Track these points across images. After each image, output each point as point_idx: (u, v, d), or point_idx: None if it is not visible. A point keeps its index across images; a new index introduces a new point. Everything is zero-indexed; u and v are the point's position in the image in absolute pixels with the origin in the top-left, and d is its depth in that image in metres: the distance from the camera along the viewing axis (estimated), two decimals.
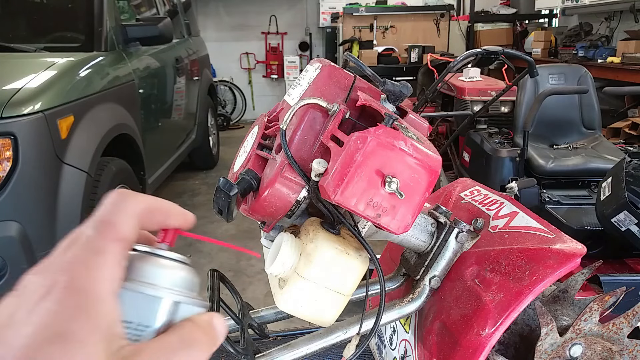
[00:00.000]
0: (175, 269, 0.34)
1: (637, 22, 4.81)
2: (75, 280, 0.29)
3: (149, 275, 0.33)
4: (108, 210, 0.32)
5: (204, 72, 4.68)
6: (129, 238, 0.32)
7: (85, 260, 0.30)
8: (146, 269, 0.33)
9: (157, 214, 0.35)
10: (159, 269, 0.33)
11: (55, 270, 0.30)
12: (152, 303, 0.32)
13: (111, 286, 0.30)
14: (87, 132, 2.26)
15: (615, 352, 0.85)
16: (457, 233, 0.83)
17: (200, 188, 4.46)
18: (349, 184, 0.57)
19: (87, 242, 0.31)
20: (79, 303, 0.28)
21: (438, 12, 6.55)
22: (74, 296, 0.28)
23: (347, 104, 0.67)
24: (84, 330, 0.28)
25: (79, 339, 0.27)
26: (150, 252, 0.34)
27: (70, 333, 0.27)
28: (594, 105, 2.94)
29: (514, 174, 2.64)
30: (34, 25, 2.99)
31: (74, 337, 0.27)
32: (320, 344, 0.78)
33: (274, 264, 0.64)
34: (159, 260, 0.34)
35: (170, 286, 0.33)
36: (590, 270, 0.93)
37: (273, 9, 7.58)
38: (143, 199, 0.34)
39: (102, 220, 0.32)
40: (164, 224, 0.36)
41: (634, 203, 1.74)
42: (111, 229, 0.31)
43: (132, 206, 0.33)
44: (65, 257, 0.30)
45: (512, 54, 2.65)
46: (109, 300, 0.29)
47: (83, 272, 0.29)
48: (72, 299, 0.28)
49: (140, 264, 0.33)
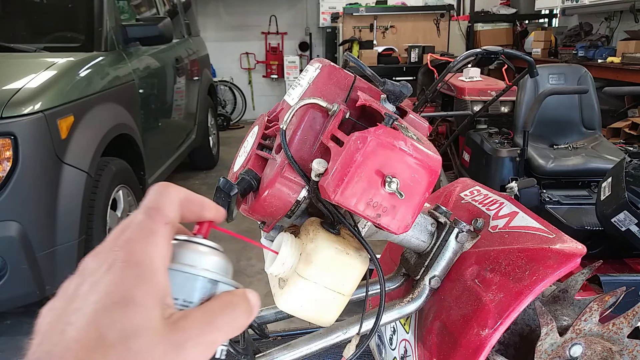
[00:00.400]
0: (212, 254, 0.39)
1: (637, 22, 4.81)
2: (133, 255, 0.33)
3: (190, 259, 0.38)
4: (155, 198, 0.37)
5: (204, 72, 4.67)
6: (174, 221, 0.37)
7: (140, 239, 0.34)
8: (188, 254, 0.38)
9: (194, 205, 0.40)
10: (199, 253, 0.39)
11: (113, 250, 0.34)
12: (195, 281, 0.37)
13: (163, 262, 0.35)
14: (87, 132, 2.26)
15: (615, 352, 0.85)
16: (457, 233, 0.83)
17: (200, 188, 4.46)
18: (349, 184, 0.57)
19: (140, 224, 0.35)
20: (137, 274, 0.32)
21: (438, 12, 6.55)
22: (133, 269, 0.33)
23: (347, 104, 0.67)
24: (144, 296, 0.32)
25: (139, 303, 0.31)
26: (190, 240, 0.39)
27: (132, 298, 0.31)
28: (594, 105, 2.94)
29: (514, 174, 2.64)
30: (34, 25, 2.99)
31: (135, 302, 0.31)
32: (320, 344, 0.78)
33: (274, 264, 0.64)
34: (198, 247, 0.39)
35: (209, 268, 0.38)
36: (590, 270, 0.93)
37: (273, 9, 7.58)
38: (183, 190, 0.39)
39: (151, 206, 0.36)
40: (199, 215, 0.40)
41: (634, 203, 1.74)
42: (159, 213, 0.36)
43: (174, 194, 0.38)
44: (121, 238, 0.34)
45: (512, 54, 2.65)
46: (162, 274, 0.34)
47: (139, 249, 0.34)
48: (132, 271, 0.32)
49: (183, 250, 0.38)
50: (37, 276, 2.00)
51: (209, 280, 0.37)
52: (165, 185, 0.38)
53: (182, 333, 0.33)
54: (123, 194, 2.58)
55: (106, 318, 0.30)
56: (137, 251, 0.34)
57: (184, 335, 0.33)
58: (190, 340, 0.33)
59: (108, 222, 2.38)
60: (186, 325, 0.33)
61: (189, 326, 0.33)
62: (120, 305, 0.31)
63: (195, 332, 0.33)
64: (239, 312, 0.36)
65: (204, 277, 0.37)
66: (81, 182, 2.16)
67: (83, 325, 0.30)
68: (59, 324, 0.31)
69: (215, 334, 0.35)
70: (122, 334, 0.30)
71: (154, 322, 0.32)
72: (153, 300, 0.32)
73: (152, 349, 0.31)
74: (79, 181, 2.15)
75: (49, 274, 2.04)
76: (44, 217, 2.02)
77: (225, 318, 0.36)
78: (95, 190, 2.26)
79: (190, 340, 0.33)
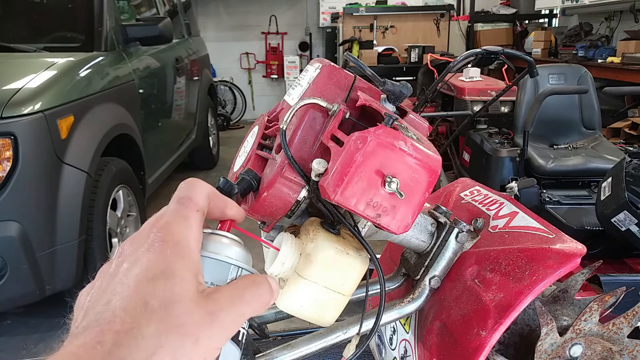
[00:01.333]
0: (236, 245, 0.44)
1: (637, 22, 4.81)
2: (171, 235, 0.37)
3: (218, 248, 0.43)
4: (187, 190, 0.41)
5: (204, 72, 4.67)
6: (204, 210, 0.41)
7: (176, 223, 0.38)
8: (215, 244, 0.43)
9: (219, 201, 0.44)
10: (225, 244, 0.43)
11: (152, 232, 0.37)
12: (223, 267, 0.42)
13: (196, 243, 0.39)
14: (87, 132, 2.26)
15: (615, 352, 0.85)
16: (457, 233, 0.83)
17: None
18: (349, 184, 0.57)
19: (175, 211, 0.39)
20: (176, 251, 0.36)
21: (438, 12, 6.55)
22: (172, 247, 0.36)
23: (347, 104, 0.67)
24: (182, 270, 0.36)
25: (178, 276, 0.35)
26: (217, 233, 0.44)
27: (171, 271, 0.35)
28: (594, 105, 2.94)
29: (514, 174, 2.64)
30: (34, 25, 2.99)
31: (174, 274, 0.35)
32: (320, 344, 0.78)
33: (273, 264, 0.64)
34: (223, 239, 0.44)
35: (233, 256, 0.43)
36: (590, 270, 0.93)
37: (273, 9, 7.58)
38: (209, 185, 0.43)
39: (183, 196, 0.41)
40: (223, 211, 0.45)
41: (634, 203, 1.74)
42: (192, 202, 0.40)
43: (203, 187, 0.42)
44: (158, 223, 0.38)
45: (512, 54, 2.65)
46: (196, 252, 0.38)
47: (176, 230, 0.38)
48: (171, 249, 0.36)
49: (211, 241, 0.43)
50: (37, 276, 2.00)
51: (234, 267, 0.42)
52: (195, 179, 0.43)
53: (214, 303, 0.36)
54: (123, 194, 2.58)
55: (149, 287, 0.34)
56: (175, 232, 0.37)
57: (216, 305, 0.36)
58: (222, 310, 0.36)
59: (108, 222, 2.38)
60: (218, 297, 0.37)
61: (220, 298, 0.37)
62: (161, 277, 0.34)
63: (227, 304, 0.37)
64: (263, 290, 0.40)
65: (229, 263, 0.42)
66: (81, 182, 2.16)
67: (128, 294, 0.33)
68: (104, 296, 0.34)
69: (243, 307, 0.38)
70: (164, 301, 0.34)
71: (191, 292, 0.35)
72: (189, 274, 0.36)
73: (190, 314, 0.34)
74: (79, 181, 2.15)
75: (49, 274, 2.04)
76: (44, 217, 2.02)
77: (251, 293, 0.39)
78: (95, 190, 2.26)
79: (222, 310, 0.36)
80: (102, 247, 2.31)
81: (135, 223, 2.73)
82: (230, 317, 0.37)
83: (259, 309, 0.40)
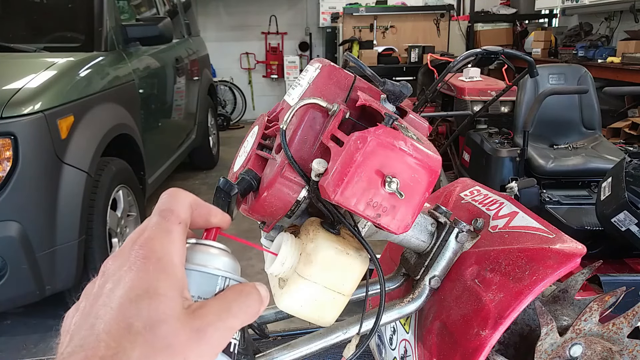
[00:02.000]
0: (222, 255, 0.43)
1: (637, 22, 4.81)
2: (153, 252, 0.36)
3: (203, 259, 0.41)
4: (168, 202, 0.40)
5: (204, 72, 4.67)
6: (187, 221, 0.40)
7: (157, 237, 0.37)
8: (200, 255, 0.41)
9: (202, 209, 0.43)
10: (210, 254, 0.42)
11: (133, 249, 0.36)
12: (209, 279, 0.40)
13: (180, 258, 0.37)
14: (87, 132, 2.26)
15: (615, 352, 0.85)
16: (457, 233, 0.83)
17: (200, 188, 4.46)
18: (349, 184, 0.57)
19: (156, 225, 0.38)
20: (159, 268, 0.35)
21: (438, 12, 6.55)
22: (154, 264, 0.35)
23: (347, 104, 0.67)
24: (166, 287, 0.35)
25: (162, 294, 0.34)
26: (201, 243, 0.43)
27: (154, 289, 0.34)
28: (594, 105, 2.94)
29: (514, 174, 2.64)
30: (34, 25, 2.99)
31: (157, 293, 0.34)
32: (320, 344, 0.78)
33: (274, 264, 0.64)
34: (209, 249, 0.42)
35: (219, 267, 0.41)
36: (590, 270, 0.93)
37: (273, 9, 7.58)
38: (191, 194, 0.42)
39: (164, 209, 0.39)
40: (207, 219, 0.44)
41: (634, 203, 1.74)
42: (173, 214, 0.39)
43: (185, 197, 0.41)
44: (140, 239, 0.37)
45: (512, 54, 2.65)
46: (180, 267, 0.37)
47: (158, 246, 0.37)
48: (153, 266, 0.35)
49: (195, 252, 0.42)
50: (37, 276, 1.99)
51: (220, 278, 0.40)
52: (176, 189, 0.42)
53: (201, 319, 0.35)
54: (123, 194, 2.58)
55: (132, 309, 0.33)
56: (157, 248, 0.36)
57: (203, 321, 0.35)
58: (209, 325, 0.35)
59: (108, 222, 2.38)
60: (205, 313, 0.36)
61: (207, 313, 0.36)
62: (145, 297, 0.33)
63: (214, 318, 0.36)
64: (251, 300, 0.39)
65: (215, 275, 0.40)
66: (81, 182, 2.15)
67: (111, 317, 0.32)
68: (88, 320, 0.33)
69: (231, 319, 0.37)
70: (148, 322, 0.33)
71: (177, 310, 0.34)
72: (174, 292, 0.35)
73: (176, 334, 0.33)
74: (79, 181, 2.15)
75: (49, 274, 2.04)
76: (44, 217, 2.02)
77: (239, 305, 0.38)
78: (95, 190, 2.26)
79: (209, 326, 0.35)
80: (102, 247, 2.31)
81: (135, 223, 2.73)
82: (218, 332, 0.36)
83: (248, 319, 0.39)
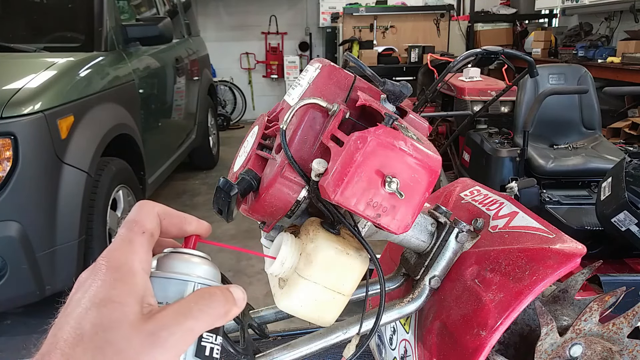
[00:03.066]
0: (194, 261, 0.43)
1: (637, 22, 4.81)
2: (113, 261, 0.38)
3: (174, 267, 0.42)
4: (133, 213, 0.42)
5: (204, 72, 4.67)
6: (152, 230, 0.41)
7: (119, 248, 0.39)
8: (172, 263, 0.42)
9: (173, 218, 0.44)
10: (182, 261, 0.42)
11: (98, 261, 0.38)
12: (177, 286, 0.41)
13: (141, 265, 0.39)
14: (87, 132, 2.26)
15: (615, 352, 0.85)
16: (457, 233, 0.83)
17: (200, 188, 4.46)
18: (349, 184, 0.57)
19: (120, 236, 0.40)
20: (117, 276, 0.37)
21: (438, 12, 6.55)
22: (114, 272, 0.37)
23: (347, 104, 0.67)
24: (121, 295, 0.36)
25: (117, 301, 0.36)
26: (176, 251, 0.44)
27: (110, 297, 0.36)
28: (594, 105, 2.94)
29: (514, 174, 2.64)
30: (34, 25, 2.99)
31: (113, 300, 0.36)
32: (320, 344, 0.78)
33: (273, 264, 0.64)
34: (182, 256, 0.43)
35: (191, 273, 0.42)
36: (590, 270, 0.93)
37: (273, 9, 7.58)
38: (161, 205, 0.44)
39: (130, 220, 0.41)
40: (181, 228, 0.45)
41: (634, 203, 1.74)
42: (137, 224, 0.41)
43: (150, 208, 0.43)
44: (105, 250, 0.39)
45: (512, 54, 2.65)
46: (141, 275, 0.38)
47: (118, 255, 0.39)
48: (112, 275, 0.37)
49: (168, 260, 0.43)
50: (37, 276, 1.99)
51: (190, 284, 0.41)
52: (144, 201, 0.43)
53: (156, 323, 0.36)
54: (123, 194, 2.58)
55: (88, 316, 0.35)
56: (117, 257, 0.38)
57: (157, 325, 0.36)
58: (164, 329, 0.36)
59: (108, 222, 2.38)
60: (160, 316, 0.37)
61: (162, 317, 0.37)
62: (99, 305, 0.35)
63: (170, 321, 0.36)
64: (215, 302, 0.39)
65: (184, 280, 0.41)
66: (81, 182, 2.15)
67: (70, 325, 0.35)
68: (54, 329, 0.35)
69: (190, 321, 0.37)
70: (100, 328, 0.34)
71: (132, 316, 0.35)
72: (131, 298, 0.36)
73: (129, 340, 0.34)
74: (79, 181, 2.15)
75: (49, 274, 2.04)
76: (44, 217, 2.02)
77: (200, 307, 0.38)
78: (95, 190, 2.26)
79: (164, 329, 0.36)
80: (102, 247, 2.30)
81: None
82: (174, 335, 0.36)
83: (212, 322, 0.39)
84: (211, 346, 0.41)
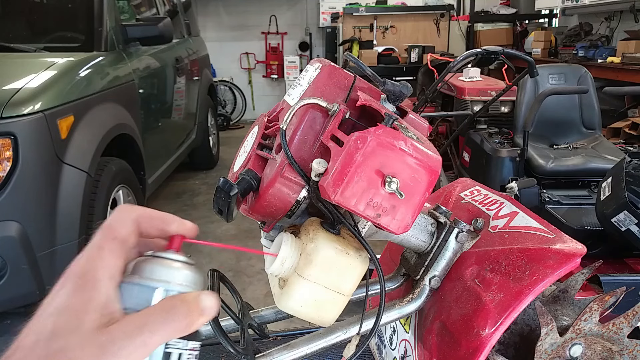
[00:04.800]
0: (172, 266, 0.41)
1: (637, 22, 4.81)
2: (80, 269, 0.38)
3: (148, 272, 0.40)
4: (110, 219, 0.41)
5: (204, 72, 4.67)
6: (125, 236, 0.40)
7: (87, 255, 0.39)
8: (146, 267, 0.41)
9: (154, 220, 0.43)
10: (157, 266, 0.41)
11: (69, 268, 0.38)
12: (144, 293, 0.39)
13: (108, 272, 0.38)
14: (87, 132, 2.25)
15: (615, 352, 0.85)
16: (457, 233, 0.83)
17: (200, 188, 4.46)
18: (349, 184, 0.57)
19: (92, 242, 0.40)
20: (79, 284, 0.37)
21: (438, 12, 6.55)
22: (78, 280, 0.37)
23: (347, 104, 0.67)
24: (79, 303, 0.36)
25: (73, 309, 0.36)
26: (153, 255, 0.42)
27: (66, 305, 0.36)
28: (594, 105, 2.94)
29: (514, 174, 2.64)
30: (34, 25, 2.99)
31: (69, 308, 0.36)
32: (320, 344, 0.78)
33: (274, 264, 0.64)
34: (158, 260, 0.41)
35: (165, 279, 0.40)
36: (590, 270, 0.93)
37: (273, 9, 7.58)
38: (139, 208, 0.43)
39: (105, 226, 0.41)
40: (162, 229, 0.43)
41: (634, 203, 1.74)
42: (109, 230, 0.40)
43: (128, 213, 0.42)
44: (76, 257, 0.39)
45: (512, 54, 2.65)
46: (105, 282, 0.38)
47: (86, 263, 0.38)
48: (76, 282, 0.37)
49: (144, 264, 0.41)
50: (37, 276, 1.99)
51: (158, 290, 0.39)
52: (122, 206, 0.43)
53: (108, 335, 0.35)
54: (123, 194, 2.58)
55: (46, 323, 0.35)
56: (82, 265, 0.38)
57: (109, 337, 0.35)
58: (115, 342, 0.35)
59: None
60: (114, 328, 0.36)
61: (116, 329, 0.36)
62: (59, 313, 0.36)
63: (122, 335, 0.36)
64: (176, 314, 0.38)
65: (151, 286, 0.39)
66: (81, 182, 2.15)
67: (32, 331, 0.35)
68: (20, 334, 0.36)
69: (144, 335, 0.36)
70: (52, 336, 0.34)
71: (88, 324, 0.35)
72: (90, 306, 0.36)
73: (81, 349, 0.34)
74: (79, 181, 2.15)
75: (49, 274, 2.04)
76: (44, 217, 2.02)
77: (159, 319, 0.37)
78: (95, 190, 2.26)
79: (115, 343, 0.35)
80: None
81: None
82: (125, 349, 0.35)
83: (172, 334, 0.38)
84: (180, 352, 0.40)
